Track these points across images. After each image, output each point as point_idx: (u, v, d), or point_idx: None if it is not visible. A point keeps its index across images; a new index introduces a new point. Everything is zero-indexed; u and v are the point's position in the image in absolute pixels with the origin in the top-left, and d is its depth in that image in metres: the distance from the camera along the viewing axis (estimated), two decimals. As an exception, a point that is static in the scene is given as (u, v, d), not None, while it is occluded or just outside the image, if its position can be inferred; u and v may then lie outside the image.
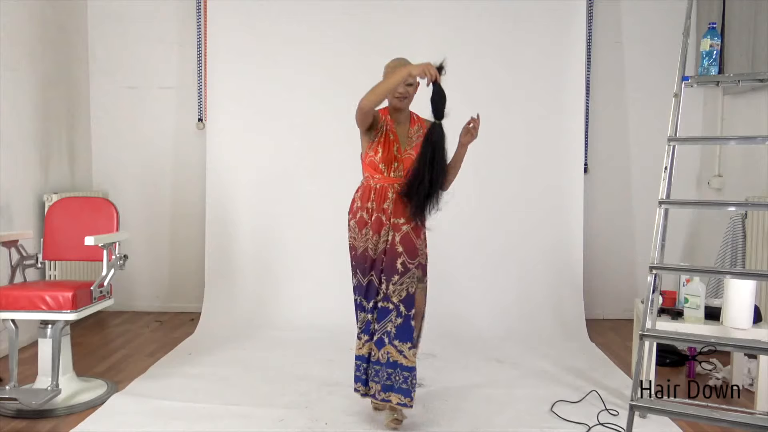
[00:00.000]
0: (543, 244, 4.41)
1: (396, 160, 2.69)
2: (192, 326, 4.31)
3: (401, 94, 2.66)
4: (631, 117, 4.69)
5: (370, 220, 2.69)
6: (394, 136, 2.71)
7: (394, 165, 2.70)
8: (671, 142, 2.73)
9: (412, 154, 2.69)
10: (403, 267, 2.64)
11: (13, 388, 2.86)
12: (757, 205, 3.33)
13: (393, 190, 2.69)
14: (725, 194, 4.36)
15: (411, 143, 2.73)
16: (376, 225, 2.67)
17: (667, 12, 4.53)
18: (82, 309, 2.91)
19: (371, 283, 2.69)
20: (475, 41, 4.44)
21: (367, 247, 2.69)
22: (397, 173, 2.70)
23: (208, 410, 2.87)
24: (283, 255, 4.46)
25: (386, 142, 2.69)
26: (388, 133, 2.71)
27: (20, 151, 3.92)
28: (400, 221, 2.67)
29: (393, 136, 2.71)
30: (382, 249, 2.67)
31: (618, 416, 2.83)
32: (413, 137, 2.74)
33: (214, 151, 4.54)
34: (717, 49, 2.79)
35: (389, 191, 2.69)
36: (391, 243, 2.66)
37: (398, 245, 2.65)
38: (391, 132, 2.71)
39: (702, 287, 2.98)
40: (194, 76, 4.71)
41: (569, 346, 3.94)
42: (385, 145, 2.69)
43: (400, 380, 2.60)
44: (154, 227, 4.79)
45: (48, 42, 4.24)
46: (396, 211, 2.68)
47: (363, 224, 2.70)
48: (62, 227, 3.26)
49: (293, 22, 4.47)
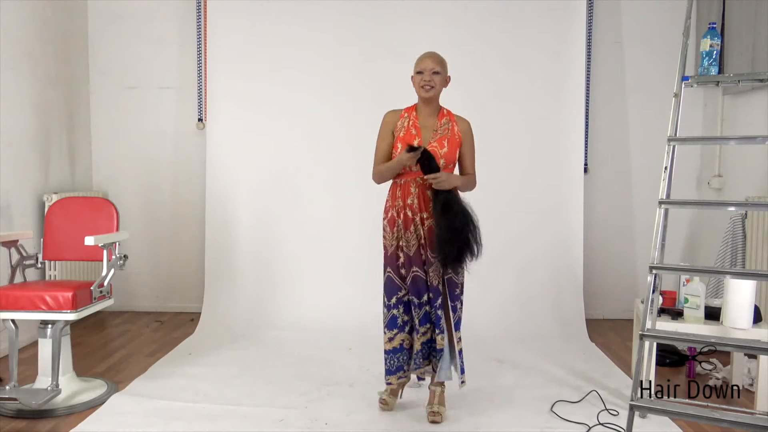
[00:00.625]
0: (543, 244, 4.41)
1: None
2: (192, 326, 4.31)
3: (426, 82, 2.70)
4: (631, 117, 4.68)
5: (398, 218, 2.74)
6: (417, 131, 2.75)
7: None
8: (671, 142, 2.73)
9: (436, 147, 2.71)
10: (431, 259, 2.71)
11: (13, 388, 2.86)
12: (757, 205, 3.33)
13: (416, 184, 2.72)
14: (725, 194, 4.36)
15: (436, 135, 2.75)
16: (405, 221, 2.73)
17: (667, 12, 4.53)
18: (82, 309, 2.91)
19: (417, 278, 2.73)
20: (475, 41, 4.44)
21: (399, 245, 2.74)
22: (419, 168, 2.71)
23: (208, 410, 2.87)
24: (283, 255, 4.46)
25: (407, 137, 2.74)
26: (410, 128, 2.75)
27: (20, 151, 3.92)
28: (424, 215, 2.72)
29: (415, 130, 2.75)
30: (416, 244, 2.72)
31: (618, 416, 2.83)
32: (439, 130, 2.76)
33: (214, 151, 4.54)
34: (717, 49, 2.79)
35: (411, 186, 2.73)
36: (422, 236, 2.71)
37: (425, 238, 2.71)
38: (413, 127, 2.76)
39: (702, 287, 2.98)
40: (194, 76, 4.71)
41: (569, 346, 3.94)
42: (404, 139, 2.73)
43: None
44: (154, 227, 4.79)
45: (48, 42, 4.24)
46: (420, 205, 2.72)
47: (393, 223, 2.76)
48: (62, 227, 3.26)
49: (293, 21, 4.47)
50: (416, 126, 2.76)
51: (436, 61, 2.73)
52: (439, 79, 2.73)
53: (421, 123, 2.77)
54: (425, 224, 2.72)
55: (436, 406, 2.79)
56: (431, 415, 2.77)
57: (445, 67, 2.77)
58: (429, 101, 2.77)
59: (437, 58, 2.74)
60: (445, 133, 2.76)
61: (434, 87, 2.72)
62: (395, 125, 2.79)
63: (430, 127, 2.77)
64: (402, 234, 2.74)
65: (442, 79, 2.74)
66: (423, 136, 2.74)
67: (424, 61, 2.73)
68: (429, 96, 2.74)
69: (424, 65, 2.72)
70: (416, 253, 2.73)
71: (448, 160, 2.74)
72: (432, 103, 2.79)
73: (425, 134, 2.75)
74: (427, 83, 2.71)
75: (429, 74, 2.70)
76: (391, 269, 2.80)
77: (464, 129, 2.81)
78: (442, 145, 2.73)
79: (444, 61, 2.77)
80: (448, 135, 2.76)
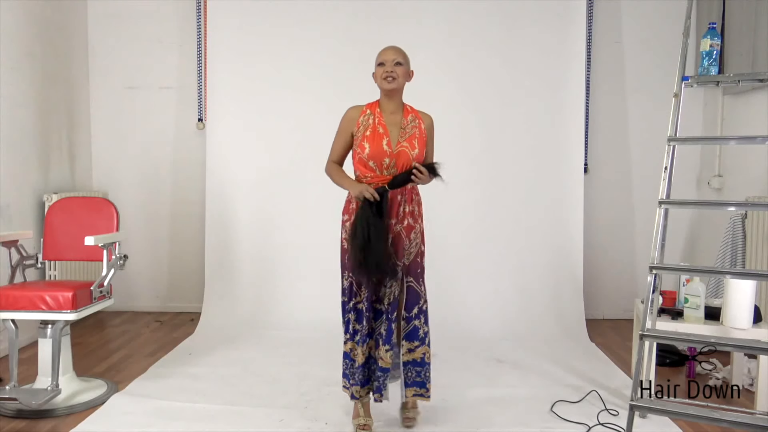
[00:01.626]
0: (543, 244, 4.41)
1: (387, 156, 2.56)
2: (192, 326, 4.31)
3: (389, 73, 2.56)
4: (631, 117, 4.69)
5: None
6: (384, 129, 2.59)
7: (385, 161, 2.56)
8: (671, 142, 2.73)
9: (407, 147, 2.58)
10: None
11: (13, 388, 2.86)
12: (757, 205, 3.32)
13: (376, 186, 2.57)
14: (725, 194, 4.36)
15: (405, 135, 2.60)
16: None
17: (667, 12, 4.53)
18: (82, 309, 2.91)
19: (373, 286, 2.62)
20: (475, 41, 4.44)
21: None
22: (391, 170, 2.58)
23: (208, 410, 2.87)
24: (283, 255, 4.46)
25: (374, 136, 2.58)
26: (377, 126, 2.59)
27: (20, 151, 3.92)
28: (392, 221, 2.60)
29: (382, 129, 2.59)
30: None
31: (618, 416, 2.83)
32: (407, 128, 2.62)
33: (214, 151, 4.54)
34: (717, 49, 2.79)
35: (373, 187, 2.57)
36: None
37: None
38: (380, 125, 2.60)
39: (702, 287, 2.98)
40: (194, 76, 4.71)
41: (569, 346, 3.94)
42: (372, 139, 2.57)
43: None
44: (154, 227, 4.79)
45: (48, 42, 4.24)
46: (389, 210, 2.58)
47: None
48: (62, 227, 3.26)
49: (293, 22, 4.47)
50: (383, 124, 2.59)
51: (398, 53, 2.60)
52: (402, 70, 2.59)
53: (387, 120, 2.61)
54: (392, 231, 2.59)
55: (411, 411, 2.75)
56: (405, 420, 2.73)
57: (407, 60, 2.63)
58: (392, 95, 2.62)
59: (399, 50, 2.63)
60: (413, 132, 2.61)
61: (396, 78, 2.57)
62: (357, 122, 2.63)
63: (397, 125, 2.61)
64: None
65: (404, 71, 2.60)
66: (391, 135, 2.58)
67: (386, 52, 2.61)
68: (391, 87, 2.58)
69: (385, 57, 2.59)
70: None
71: (419, 161, 2.60)
72: (395, 98, 2.64)
73: (393, 133, 2.59)
74: (390, 74, 2.56)
75: (391, 65, 2.56)
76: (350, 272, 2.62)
77: (428, 124, 2.69)
78: (413, 146, 2.59)
79: (406, 54, 2.64)
80: (417, 134, 2.62)
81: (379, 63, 2.62)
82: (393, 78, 2.58)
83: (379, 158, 2.57)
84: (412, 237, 2.64)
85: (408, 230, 2.63)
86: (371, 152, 2.57)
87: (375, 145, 2.57)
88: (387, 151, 2.57)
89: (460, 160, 4.45)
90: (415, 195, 2.68)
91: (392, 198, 2.59)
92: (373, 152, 2.57)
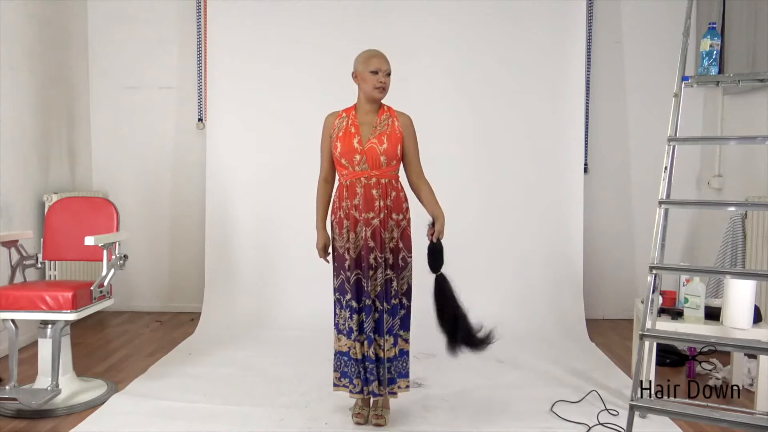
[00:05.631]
0: (543, 244, 4.41)
1: (357, 153, 2.63)
2: (192, 326, 4.31)
3: (382, 84, 2.64)
4: (631, 117, 4.69)
5: (346, 219, 2.67)
6: (356, 129, 2.67)
7: (356, 158, 2.64)
8: (671, 142, 2.73)
9: (375, 143, 2.64)
10: (375, 261, 2.64)
11: (13, 388, 2.86)
12: (757, 205, 3.33)
13: (361, 184, 2.65)
14: (725, 194, 4.36)
15: (375, 132, 2.66)
16: (353, 223, 2.66)
17: (667, 12, 4.53)
18: (82, 309, 2.91)
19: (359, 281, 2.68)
20: (475, 41, 4.44)
21: (347, 247, 2.67)
22: (362, 166, 2.64)
23: (208, 410, 2.88)
24: (283, 255, 4.46)
25: (345, 136, 2.66)
26: (349, 127, 2.68)
27: (20, 151, 3.92)
28: (370, 215, 2.64)
29: (354, 128, 2.67)
30: (362, 245, 2.66)
31: (618, 416, 2.83)
32: (378, 126, 2.67)
33: (214, 151, 4.54)
34: (717, 49, 2.79)
35: (357, 186, 2.65)
36: (364, 238, 2.65)
37: (369, 240, 2.64)
38: (352, 125, 2.68)
39: (702, 287, 2.98)
40: (194, 76, 4.71)
41: (569, 346, 3.94)
42: (344, 139, 2.66)
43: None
44: (154, 227, 4.79)
45: (48, 42, 4.24)
46: (366, 205, 2.64)
47: (341, 223, 2.70)
48: (62, 227, 3.26)
49: (293, 22, 4.47)
50: (356, 125, 2.67)
51: (388, 62, 2.66)
52: (389, 80, 2.67)
53: (360, 120, 2.68)
54: (371, 225, 2.64)
55: (380, 409, 2.77)
56: (374, 417, 2.74)
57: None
58: (375, 101, 2.70)
59: (386, 58, 2.68)
60: (384, 129, 2.66)
61: (386, 89, 2.66)
62: (333, 125, 2.71)
63: (369, 124, 2.68)
64: (349, 235, 2.66)
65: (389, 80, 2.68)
66: (362, 133, 2.66)
67: (380, 61, 2.64)
68: (381, 97, 2.68)
69: (379, 65, 2.63)
70: (359, 255, 2.66)
71: (389, 157, 2.65)
72: (375, 102, 2.71)
73: (364, 131, 2.66)
74: (382, 85, 2.64)
75: (383, 75, 2.63)
76: (342, 270, 2.71)
77: (405, 123, 2.71)
78: (381, 142, 2.63)
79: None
80: (387, 131, 2.66)
81: (371, 70, 2.64)
82: (384, 89, 2.67)
83: (350, 155, 2.65)
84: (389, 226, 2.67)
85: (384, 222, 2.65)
86: (342, 150, 2.66)
87: (346, 144, 2.66)
88: (357, 149, 2.65)
89: (460, 160, 4.45)
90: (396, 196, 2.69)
91: (367, 194, 2.65)
92: (344, 150, 2.66)
